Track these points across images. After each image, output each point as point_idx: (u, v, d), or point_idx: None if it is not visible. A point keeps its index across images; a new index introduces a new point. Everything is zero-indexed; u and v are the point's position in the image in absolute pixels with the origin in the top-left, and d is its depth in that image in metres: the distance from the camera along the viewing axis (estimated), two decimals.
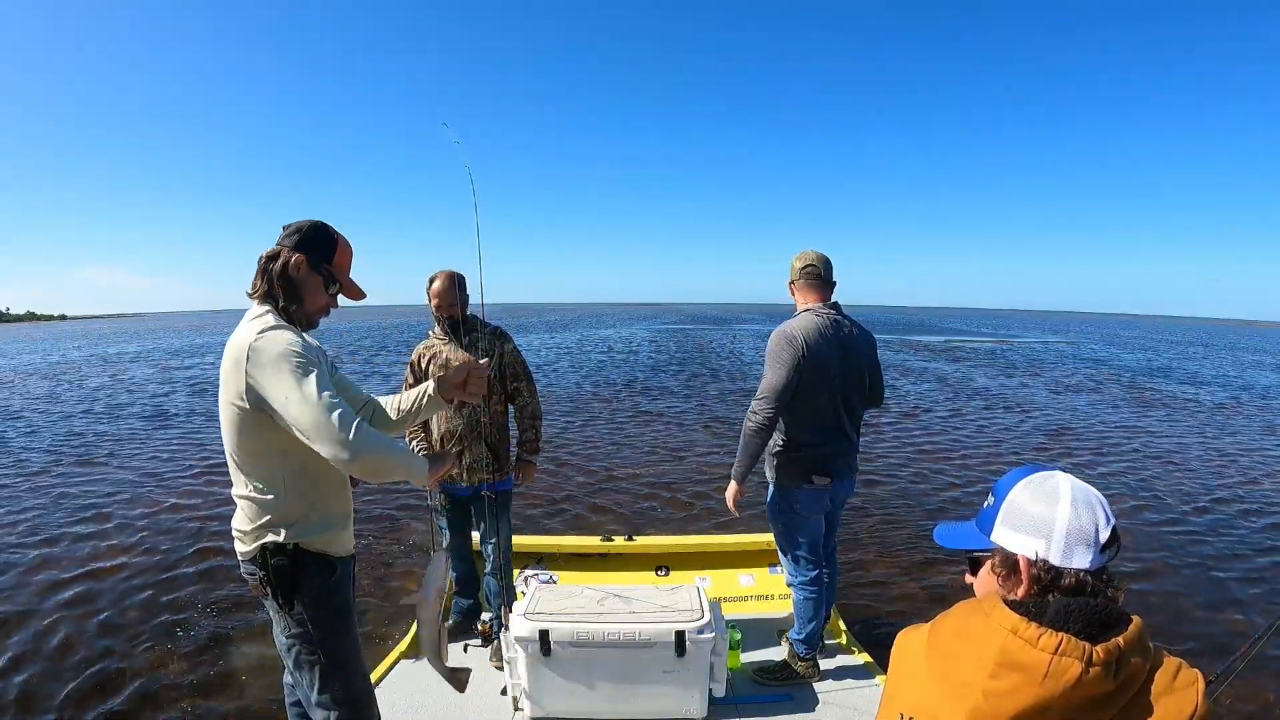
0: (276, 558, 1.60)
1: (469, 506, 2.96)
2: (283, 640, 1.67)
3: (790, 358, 2.45)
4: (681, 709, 2.36)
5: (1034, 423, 10.19)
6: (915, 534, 5.22)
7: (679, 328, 43.60)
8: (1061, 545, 0.85)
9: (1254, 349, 33.64)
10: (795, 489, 2.58)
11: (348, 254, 1.73)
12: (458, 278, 2.81)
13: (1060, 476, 0.90)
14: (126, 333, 48.24)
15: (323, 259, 1.67)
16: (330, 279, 1.69)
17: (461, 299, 2.83)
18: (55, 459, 7.82)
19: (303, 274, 1.64)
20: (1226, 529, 5.48)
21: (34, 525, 5.49)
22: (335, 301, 1.74)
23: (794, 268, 2.65)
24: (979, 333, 43.67)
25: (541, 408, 3.06)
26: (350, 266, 1.76)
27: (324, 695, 1.66)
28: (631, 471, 7.08)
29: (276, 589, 1.60)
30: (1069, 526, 0.85)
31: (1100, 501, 0.87)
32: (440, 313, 2.81)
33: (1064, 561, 0.84)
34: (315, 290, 1.67)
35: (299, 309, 1.66)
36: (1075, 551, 0.84)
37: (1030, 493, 0.89)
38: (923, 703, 0.86)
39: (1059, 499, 0.87)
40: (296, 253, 1.63)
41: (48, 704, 3.07)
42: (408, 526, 5.31)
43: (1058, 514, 0.86)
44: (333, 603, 1.68)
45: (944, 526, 1.05)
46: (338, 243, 1.70)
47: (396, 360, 19.65)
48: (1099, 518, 0.85)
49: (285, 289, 1.63)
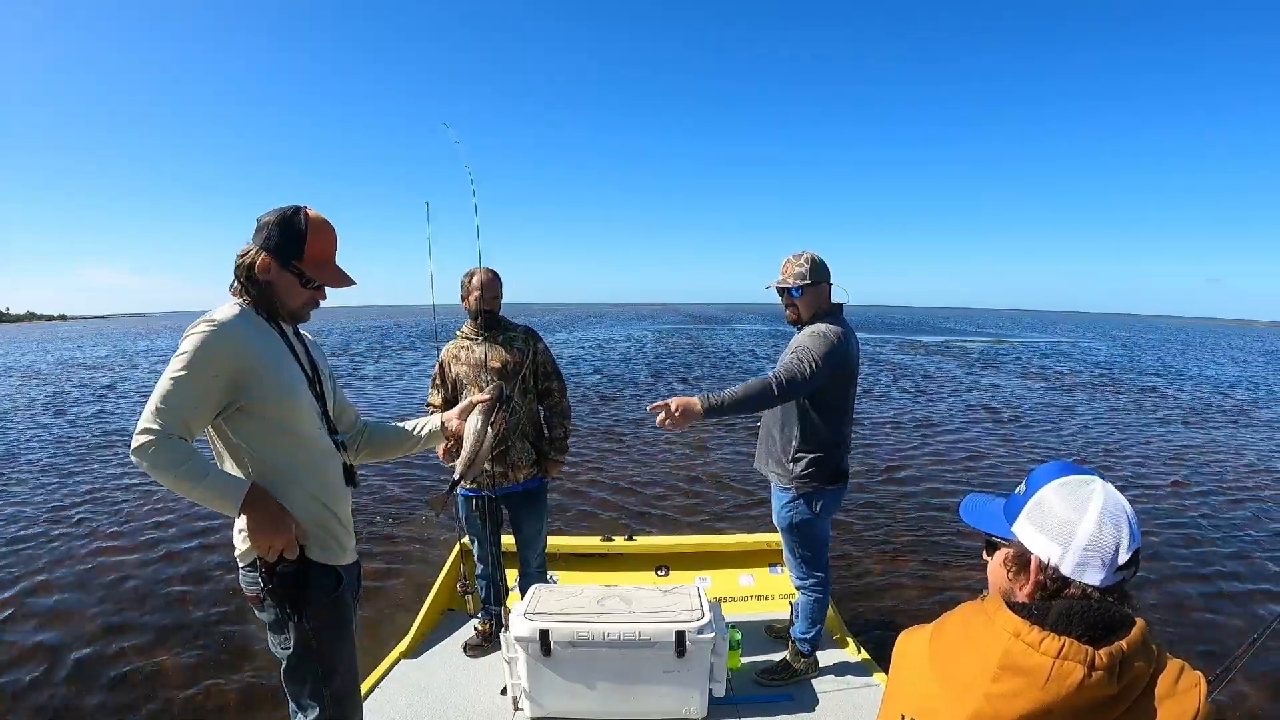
0: (284, 566, 1.52)
1: (501, 508, 2.93)
2: (279, 651, 1.61)
3: (836, 363, 2.42)
4: (681, 709, 2.36)
5: (1034, 423, 10.20)
6: (915, 533, 5.23)
7: (679, 328, 43.56)
8: (1076, 558, 0.83)
9: (1252, 350, 33.64)
10: (819, 492, 2.57)
11: (324, 242, 1.57)
12: (497, 274, 2.82)
13: (1097, 485, 0.86)
14: (133, 333, 48.19)
15: (291, 256, 1.53)
16: (303, 276, 1.56)
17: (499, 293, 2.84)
18: (63, 455, 7.83)
19: (272, 275, 1.54)
20: (1227, 529, 5.48)
21: (36, 525, 5.50)
22: (321, 293, 1.62)
23: (823, 268, 2.56)
24: (978, 333, 43.68)
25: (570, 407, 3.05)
26: (332, 253, 1.61)
27: (313, 702, 1.61)
28: (632, 472, 7.08)
29: (282, 599, 1.53)
30: (1089, 540, 0.82)
31: (1130, 520, 0.84)
32: (481, 305, 2.77)
33: (1075, 574, 0.82)
34: (289, 289, 1.56)
35: (275, 309, 1.57)
36: (1089, 567, 0.82)
37: (1061, 495, 0.86)
38: (924, 704, 0.86)
39: (1087, 509, 0.84)
40: (264, 253, 1.52)
41: (50, 704, 3.08)
42: (408, 527, 5.31)
43: (1081, 524, 0.83)
44: (335, 614, 1.63)
45: (973, 499, 1.01)
46: (307, 235, 1.53)
47: (398, 361, 19.64)
48: (1122, 537, 0.82)
49: (255, 291, 1.54)
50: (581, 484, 6.52)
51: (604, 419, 10.05)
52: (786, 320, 2.66)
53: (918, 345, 28.59)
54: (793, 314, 2.64)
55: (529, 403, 2.87)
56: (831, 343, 2.43)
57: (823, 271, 2.56)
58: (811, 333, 2.49)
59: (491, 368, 2.75)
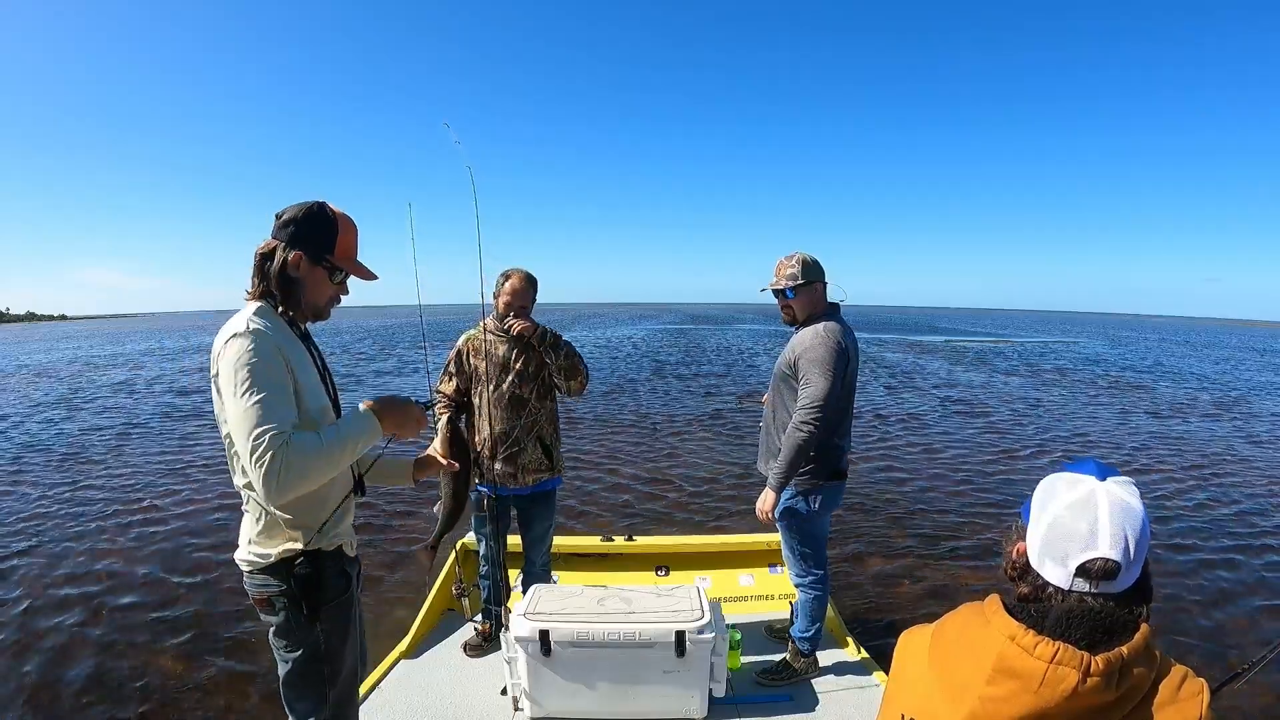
0: (301, 565, 1.50)
1: (510, 508, 2.92)
2: (283, 654, 1.57)
3: (842, 367, 2.45)
4: (682, 709, 2.36)
5: (1034, 421, 10.19)
6: (916, 533, 5.23)
7: (679, 328, 43.57)
8: (1038, 546, 0.83)
9: (1254, 349, 33.61)
10: (818, 489, 2.58)
11: (350, 235, 1.58)
12: (533, 278, 2.80)
13: (1091, 483, 0.83)
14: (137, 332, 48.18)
15: (323, 250, 1.52)
16: (334, 269, 1.55)
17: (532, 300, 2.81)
18: (75, 452, 7.84)
19: (303, 271, 1.51)
20: (1228, 529, 5.48)
21: (33, 523, 5.50)
22: (345, 288, 1.62)
23: (816, 268, 2.57)
24: (977, 332, 43.67)
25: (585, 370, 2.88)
26: (356, 247, 1.60)
27: (315, 705, 1.59)
28: (632, 471, 7.08)
29: (300, 601, 1.50)
30: (1047, 530, 0.82)
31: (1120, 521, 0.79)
32: (509, 309, 2.76)
33: (1036, 565, 0.82)
34: (319, 284, 1.55)
35: (303, 307, 1.55)
36: (1045, 562, 0.82)
37: (1055, 483, 0.86)
38: (924, 704, 0.86)
39: (1055, 495, 0.83)
40: (293, 249, 1.49)
41: (51, 704, 3.08)
42: (409, 526, 5.31)
43: (1047, 510, 0.83)
44: (345, 616, 1.61)
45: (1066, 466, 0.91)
46: (338, 227, 1.54)
47: (398, 364, 19.63)
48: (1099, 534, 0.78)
49: (284, 289, 1.51)
50: (581, 485, 6.52)
51: (604, 419, 10.04)
52: (783, 320, 2.68)
53: (918, 345, 28.59)
54: (788, 314, 2.65)
55: (547, 405, 2.85)
56: (832, 347, 2.44)
57: (815, 271, 2.57)
58: (811, 336, 2.49)
59: (513, 369, 2.75)
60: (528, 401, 2.79)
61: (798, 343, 2.55)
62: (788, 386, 2.59)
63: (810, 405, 2.42)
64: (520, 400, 2.77)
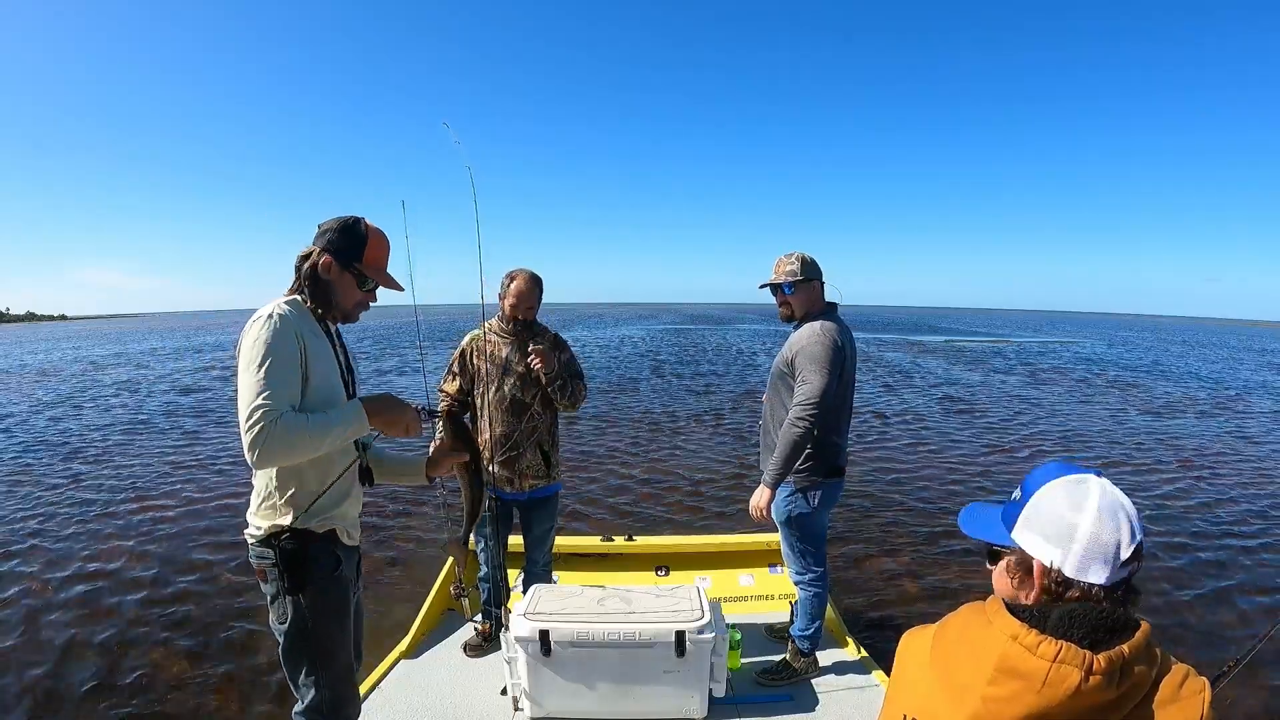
0: (287, 540, 1.63)
1: (511, 511, 2.92)
2: (277, 627, 1.70)
3: (839, 364, 2.46)
4: (682, 709, 2.36)
5: (1034, 421, 10.19)
6: (915, 532, 5.23)
7: (678, 328, 43.55)
8: (1078, 559, 0.81)
9: (1253, 350, 33.60)
10: (816, 486, 2.59)
11: (380, 249, 1.76)
12: (539, 279, 2.79)
13: (1092, 482, 0.85)
14: (138, 332, 48.18)
15: (352, 258, 1.70)
16: (362, 277, 1.73)
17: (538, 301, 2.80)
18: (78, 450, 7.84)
19: (333, 275, 1.70)
20: (1228, 529, 5.48)
21: (36, 522, 5.50)
22: (373, 295, 1.79)
23: (814, 266, 2.60)
24: (977, 332, 43.66)
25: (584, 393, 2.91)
26: (386, 260, 1.79)
27: (309, 679, 1.70)
28: (632, 471, 7.08)
29: (284, 573, 1.64)
30: (1089, 539, 0.81)
31: (1129, 515, 0.82)
32: (514, 312, 2.76)
33: (1078, 575, 0.81)
34: (347, 289, 1.72)
35: (331, 307, 1.72)
36: (1091, 566, 0.81)
37: (1056, 496, 0.85)
38: (925, 704, 0.86)
39: (1084, 508, 0.82)
40: (325, 254, 1.68)
41: (53, 704, 3.08)
42: (410, 525, 5.31)
43: (1080, 524, 0.82)
44: (333, 595, 1.71)
45: (972, 509, 0.99)
46: (368, 240, 1.72)
47: (399, 363, 19.62)
48: (1123, 532, 0.81)
49: (315, 288, 1.69)
50: (581, 485, 6.52)
51: (604, 419, 10.04)
52: (780, 318, 2.69)
53: (918, 345, 28.59)
54: (785, 311, 2.67)
55: (548, 411, 2.85)
56: (829, 345, 2.46)
57: (814, 270, 2.60)
58: (808, 333, 2.51)
59: (516, 371, 2.75)
60: (530, 407, 2.79)
61: (795, 340, 2.57)
62: (785, 384, 2.60)
63: (806, 401, 2.43)
64: (522, 405, 2.77)
